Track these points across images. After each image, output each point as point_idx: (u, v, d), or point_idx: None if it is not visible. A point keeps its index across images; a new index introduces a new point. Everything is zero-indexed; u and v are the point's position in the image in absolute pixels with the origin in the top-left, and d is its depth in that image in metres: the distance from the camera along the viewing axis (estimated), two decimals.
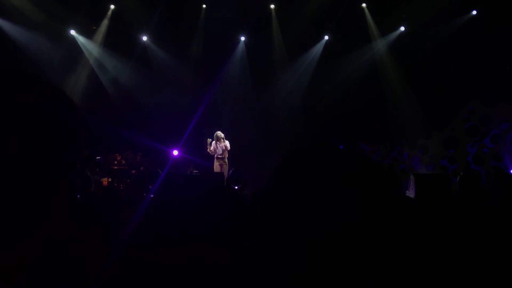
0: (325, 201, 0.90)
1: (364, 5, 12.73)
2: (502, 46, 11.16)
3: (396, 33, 12.80)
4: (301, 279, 0.91)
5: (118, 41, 12.75)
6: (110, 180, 11.08)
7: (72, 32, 12.53)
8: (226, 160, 10.15)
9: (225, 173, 9.89)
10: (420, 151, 13.08)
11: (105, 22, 12.67)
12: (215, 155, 10.14)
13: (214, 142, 10.11)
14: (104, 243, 1.98)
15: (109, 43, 12.80)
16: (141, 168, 11.50)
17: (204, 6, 12.93)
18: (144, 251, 1.99)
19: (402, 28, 12.68)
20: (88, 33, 12.73)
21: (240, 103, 13.25)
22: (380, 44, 12.91)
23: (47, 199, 0.79)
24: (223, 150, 10.04)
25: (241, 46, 13.50)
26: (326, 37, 13.25)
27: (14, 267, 0.77)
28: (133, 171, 11.37)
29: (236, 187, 8.58)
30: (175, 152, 11.70)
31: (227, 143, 10.06)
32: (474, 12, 11.89)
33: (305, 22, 12.65)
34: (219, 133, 10.08)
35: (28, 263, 0.80)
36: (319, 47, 13.34)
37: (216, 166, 10.13)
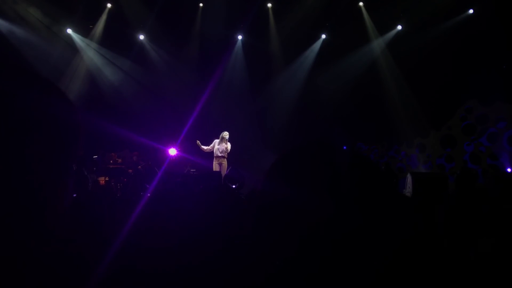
0: (321, 199, 0.90)
1: (361, 4, 12.73)
2: (499, 45, 11.17)
3: (393, 32, 12.82)
4: (300, 277, 0.91)
5: (115, 40, 12.74)
6: (107, 179, 11.06)
7: (69, 31, 12.50)
8: (226, 160, 10.19)
9: (224, 172, 9.92)
10: (417, 150, 13.10)
11: (101, 21, 12.65)
12: (215, 154, 10.18)
13: (217, 140, 10.17)
14: (101, 242, 1.97)
15: (106, 42, 12.78)
16: (139, 167, 11.48)
17: (201, 4, 12.92)
18: (141, 250, 1.99)
19: (399, 27, 12.70)
20: (84, 32, 12.70)
21: (237, 102, 13.24)
22: (377, 43, 12.92)
23: (45, 198, 0.79)
24: (223, 151, 10.08)
25: (238, 45, 13.49)
26: (323, 36, 13.26)
27: (13, 266, 0.77)
28: (130, 170, 11.35)
29: (234, 186, 8.58)
30: (173, 151, 11.68)
31: (229, 145, 10.13)
32: (471, 11, 11.91)
33: (302, 21, 12.65)
34: (225, 134, 10.14)
35: (26, 262, 0.80)
36: (316, 46, 13.35)
37: (215, 165, 10.16)
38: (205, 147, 10.27)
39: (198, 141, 10.29)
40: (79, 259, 1.53)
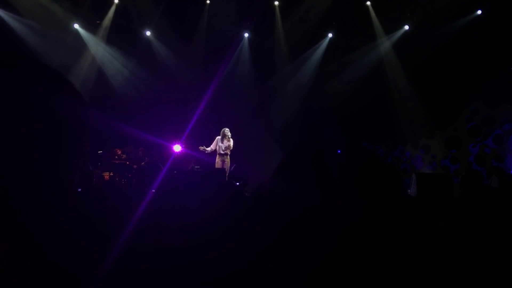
0: (328, 197, 0.90)
1: (368, 3, 12.68)
2: (506, 47, 11.11)
3: (400, 32, 12.77)
4: (303, 276, 0.91)
5: (122, 36, 12.76)
6: (111, 174, 11.10)
7: (76, 26, 12.53)
8: (228, 157, 10.19)
9: (227, 169, 9.93)
10: (422, 150, 13.06)
11: (109, 17, 12.67)
12: (218, 152, 10.18)
13: (219, 137, 10.17)
14: (106, 237, 1.98)
15: (112, 38, 12.81)
16: (142, 163, 11.51)
17: (208, 1, 12.92)
18: (145, 246, 2.00)
19: (406, 27, 12.65)
20: (92, 28, 12.72)
21: (242, 100, 13.25)
22: (384, 43, 12.87)
23: (52, 193, 0.79)
24: (226, 148, 10.08)
25: (244, 43, 13.48)
26: (330, 35, 13.23)
27: (18, 262, 0.78)
28: (135, 166, 11.40)
29: (238, 183, 8.58)
30: (178, 148, 11.70)
31: (231, 142, 10.11)
32: (479, 12, 11.84)
33: (309, 20, 12.62)
34: (227, 131, 10.12)
35: (32, 257, 0.80)
36: (322, 45, 13.32)
37: (218, 162, 10.16)
38: (208, 149, 10.27)
39: (201, 147, 10.31)
40: (85, 253, 1.54)
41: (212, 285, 1.54)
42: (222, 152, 10.13)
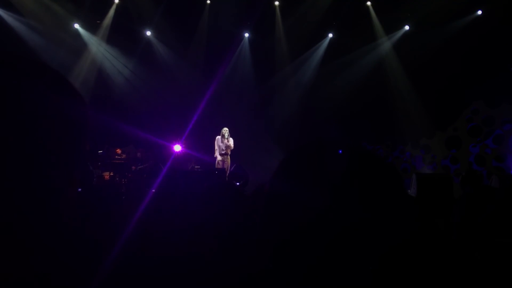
0: (329, 197, 0.90)
1: (368, 3, 12.68)
2: (506, 47, 11.11)
3: (400, 32, 12.77)
4: (304, 276, 0.91)
5: (122, 36, 12.76)
6: (111, 174, 11.10)
7: (76, 26, 12.53)
8: (229, 157, 10.22)
9: (227, 169, 9.95)
10: (422, 150, 13.06)
11: (109, 17, 12.67)
12: (218, 152, 10.23)
13: (219, 137, 10.22)
14: (105, 236, 1.98)
15: (113, 38, 12.80)
16: (141, 166, 11.50)
17: (208, 1, 12.92)
18: (145, 246, 2.00)
19: (407, 27, 12.65)
20: (92, 28, 12.72)
21: (242, 100, 13.25)
22: (384, 43, 12.87)
23: (51, 194, 0.79)
24: (227, 147, 10.11)
25: (244, 43, 13.49)
26: (330, 35, 13.23)
27: (18, 262, 0.78)
28: (133, 167, 11.38)
29: (238, 183, 8.58)
30: (178, 148, 11.70)
31: (231, 142, 10.14)
32: (480, 12, 11.84)
33: (309, 20, 12.62)
34: (224, 131, 10.18)
35: (32, 257, 0.80)
36: (323, 45, 13.32)
37: (218, 162, 10.19)
38: (217, 154, 10.29)
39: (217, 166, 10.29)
40: (85, 253, 1.54)
41: (211, 284, 1.55)
42: (222, 152, 10.18)
